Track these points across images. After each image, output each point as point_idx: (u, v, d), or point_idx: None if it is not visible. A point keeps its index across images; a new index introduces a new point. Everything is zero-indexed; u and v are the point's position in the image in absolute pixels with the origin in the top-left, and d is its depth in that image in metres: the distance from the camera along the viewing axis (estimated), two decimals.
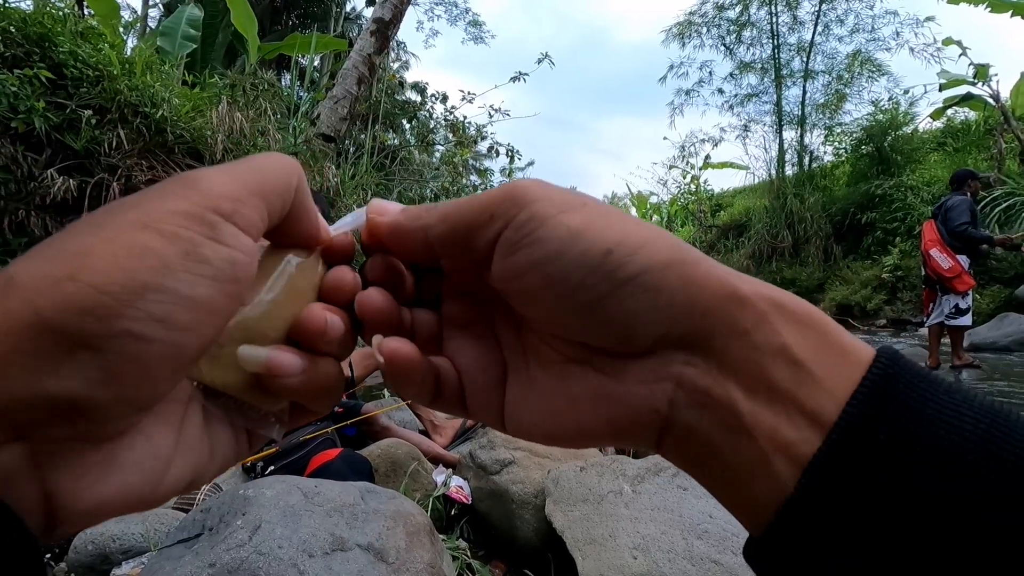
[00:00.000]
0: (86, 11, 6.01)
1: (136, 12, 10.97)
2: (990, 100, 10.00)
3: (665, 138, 23.60)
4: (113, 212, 0.20)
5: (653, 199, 21.12)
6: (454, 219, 0.25)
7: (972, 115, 11.55)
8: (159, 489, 0.21)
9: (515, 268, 0.23)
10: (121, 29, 6.68)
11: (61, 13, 3.93)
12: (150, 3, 10.73)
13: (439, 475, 2.04)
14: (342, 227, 0.29)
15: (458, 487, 1.96)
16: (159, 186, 0.21)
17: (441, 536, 1.61)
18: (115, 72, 3.81)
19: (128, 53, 4.61)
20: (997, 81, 9.83)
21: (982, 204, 7.33)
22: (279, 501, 1.21)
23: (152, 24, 10.20)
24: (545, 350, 0.26)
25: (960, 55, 10.12)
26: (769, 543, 0.20)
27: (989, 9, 9.79)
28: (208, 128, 4.33)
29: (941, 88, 10.87)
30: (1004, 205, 6.94)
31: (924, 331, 6.12)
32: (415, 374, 0.26)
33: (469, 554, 1.69)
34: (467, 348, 0.29)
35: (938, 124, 12.29)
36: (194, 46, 6.75)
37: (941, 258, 4.87)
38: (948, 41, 10.70)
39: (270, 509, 1.18)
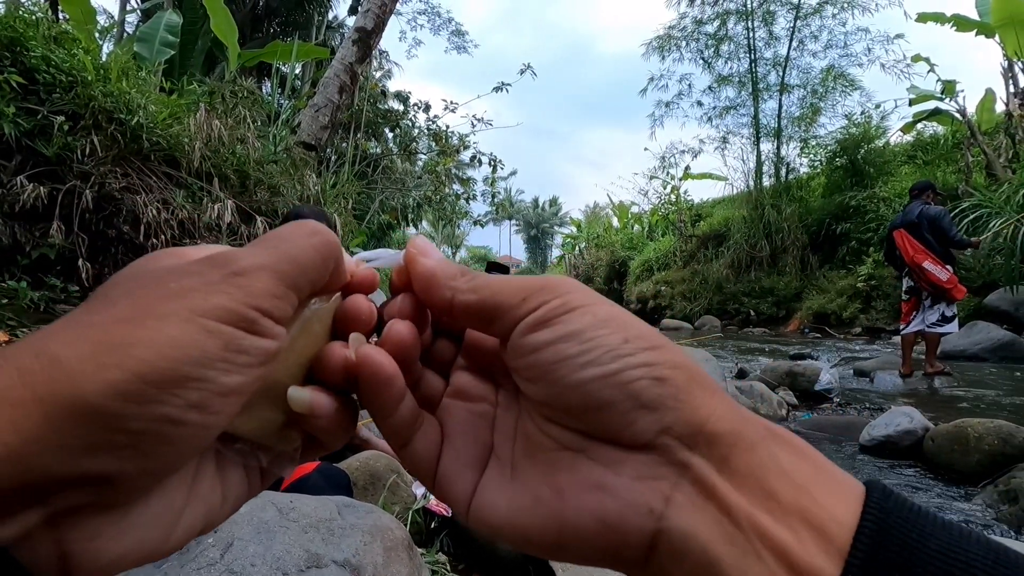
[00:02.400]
0: (60, 15, 5.90)
1: (113, 17, 10.81)
2: (957, 115, 10.35)
3: (646, 149, 23.90)
4: (155, 291, 0.21)
5: (634, 209, 21.37)
6: (486, 295, 0.26)
7: (940, 129, 11.94)
8: (171, 540, 0.22)
9: (536, 343, 0.24)
10: (97, 34, 6.57)
11: (33, 17, 3.85)
12: (128, 8, 10.58)
13: (419, 488, 2.02)
14: (372, 259, 0.30)
15: (438, 500, 1.94)
16: (200, 268, 0.22)
17: (420, 550, 1.58)
18: (89, 78, 3.74)
19: (104, 59, 4.54)
20: (964, 97, 10.21)
21: (951, 215, 7.56)
22: (252, 517, 1.18)
23: (129, 30, 10.05)
24: (539, 437, 0.25)
25: (928, 71, 10.48)
26: None
27: (955, 28, 10.17)
28: (186, 135, 4.27)
29: (911, 103, 11.24)
30: (972, 216, 7.15)
31: (897, 339, 6.27)
32: (387, 389, 0.26)
33: (449, 567, 1.67)
34: (460, 417, 0.28)
35: (908, 138, 12.70)
36: (172, 52, 6.66)
37: (936, 270, 4.89)
38: (917, 58, 11.09)
39: (243, 526, 1.15)
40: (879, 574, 0.19)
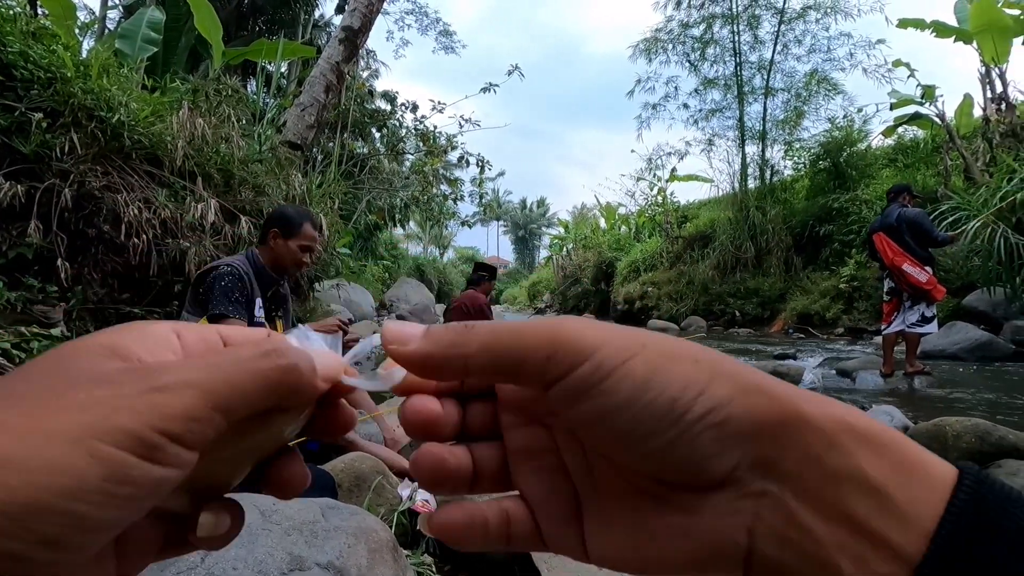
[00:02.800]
0: (39, 11, 5.79)
1: (94, 13, 10.63)
2: (936, 119, 10.55)
3: (633, 151, 24.05)
4: (61, 398, 0.19)
5: (622, 210, 21.49)
6: (500, 352, 0.23)
7: (920, 133, 12.17)
8: None
9: (582, 417, 0.23)
10: (77, 30, 6.46)
11: (11, 12, 3.78)
12: (109, 4, 10.42)
13: (404, 489, 2.01)
14: (357, 355, 0.28)
15: (424, 501, 1.93)
16: (122, 378, 0.20)
17: (406, 552, 1.58)
18: (69, 74, 3.67)
19: (84, 55, 4.46)
20: (943, 101, 10.41)
21: (931, 217, 7.71)
22: None
23: (111, 26, 9.89)
24: (617, 481, 0.25)
25: (909, 76, 10.68)
26: None
27: (935, 34, 10.38)
28: (168, 134, 4.21)
29: (892, 107, 11.44)
30: (951, 219, 7.30)
31: (879, 339, 6.38)
32: (481, 541, 0.25)
33: (435, 569, 1.66)
34: (536, 479, 0.27)
35: (889, 141, 12.93)
36: (155, 50, 6.58)
37: (916, 272, 4.97)
38: (898, 63, 11.29)
39: None
40: (967, 557, 0.18)
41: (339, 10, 14.95)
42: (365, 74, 15.46)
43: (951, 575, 0.18)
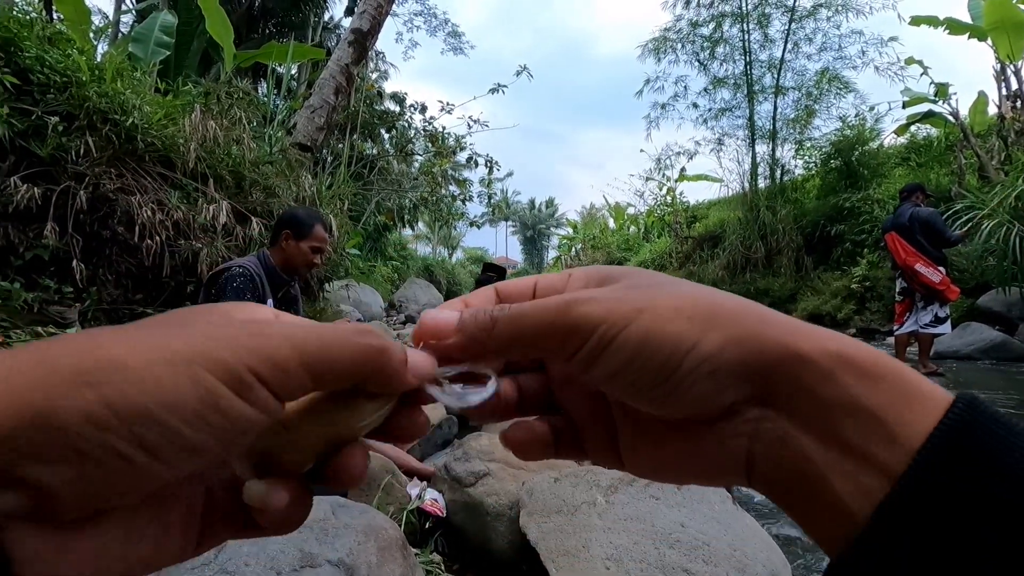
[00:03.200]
0: (54, 15, 5.88)
1: (107, 17, 10.78)
2: (950, 117, 10.41)
3: (642, 151, 23.95)
4: (182, 328, 0.21)
5: (630, 210, 21.42)
6: (522, 337, 0.27)
7: (934, 132, 12.00)
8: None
9: (596, 378, 0.26)
10: (92, 35, 6.55)
11: (27, 17, 3.84)
12: (122, 8, 10.55)
13: (413, 488, 2.02)
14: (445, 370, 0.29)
15: (432, 500, 1.94)
16: (238, 322, 0.23)
17: (415, 550, 1.59)
18: (84, 78, 3.73)
19: (98, 59, 4.53)
20: (956, 99, 10.26)
21: (944, 217, 7.62)
22: None
23: (124, 30, 10.02)
24: (639, 417, 0.28)
25: (921, 74, 10.55)
26: (836, 573, 0.22)
27: (948, 31, 10.24)
28: (181, 136, 4.26)
29: (904, 105, 11.30)
30: (965, 218, 7.20)
31: (892, 340, 6.32)
32: (540, 453, 0.30)
33: (443, 567, 1.67)
34: (578, 400, 0.31)
35: (902, 140, 12.76)
36: (167, 53, 6.65)
37: (929, 272, 4.96)
38: (910, 60, 11.15)
39: None
40: (948, 471, 0.19)
41: (348, 12, 15.05)
42: (374, 75, 15.54)
43: (931, 488, 0.19)
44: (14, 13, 3.74)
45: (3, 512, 0.18)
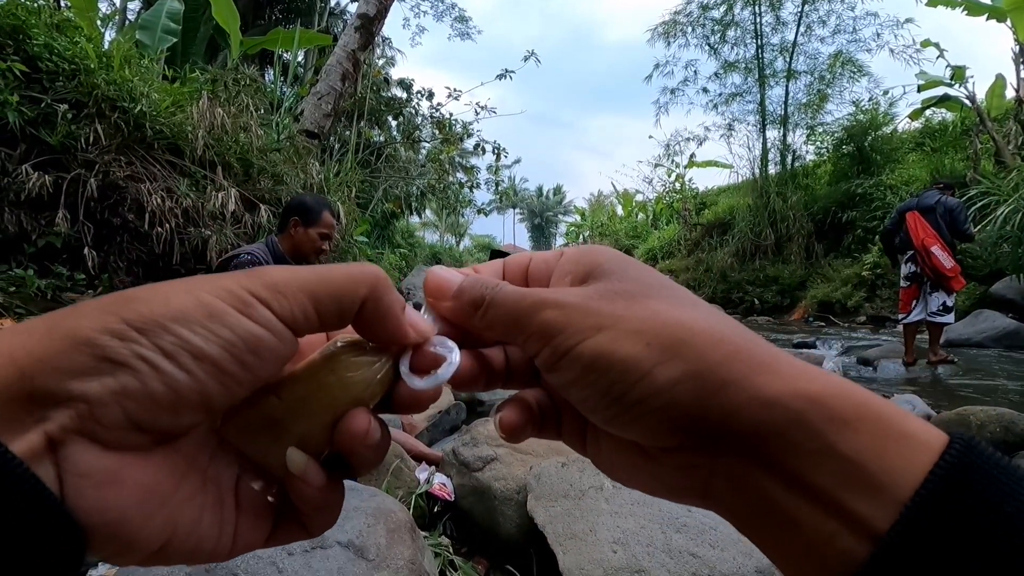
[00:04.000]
0: (62, 3, 5.88)
1: (114, 5, 10.77)
2: (966, 101, 10.21)
3: (651, 136, 23.74)
4: (187, 279, 0.24)
5: (639, 197, 21.28)
6: (498, 326, 0.27)
7: (949, 116, 11.78)
8: (150, 527, 0.21)
9: (551, 383, 0.27)
10: (99, 22, 6.55)
11: (36, 5, 3.84)
12: None
13: (422, 472, 2.04)
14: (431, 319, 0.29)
15: (441, 484, 1.96)
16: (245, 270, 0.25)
17: (423, 533, 1.61)
18: (92, 66, 3.74)
19: (106, 47, 4.53)
20: (973, 83, 10.05)
21: (962, 201, 7.52)
22: None
23: (131, 17, 10.00)
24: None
25: (938, 57, 10.33)
26: None
27: (966, 12, 9.98)
28: (189, 124, 4.27)
29: (919, 89, 11.08)
30: (980, 204, 7.10)
31: (901, 328, 6.26)
32: (527, 434, 0.30)
33: (451, 551, 1.69)
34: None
35: (916, 124, 12.54)
36: (174, 40, 6.64)
37: (943, 257, 4.91)
38: (926, 43, 10.91)
39: None
40: (939, 527, 0.17)
41: None
42: (381, 62, 15.45)
43: (920, 550, 0.17)
44: (22, 1, 3.75)
45: (61, 426, 0.19)
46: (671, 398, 0.22)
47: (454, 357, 0.27)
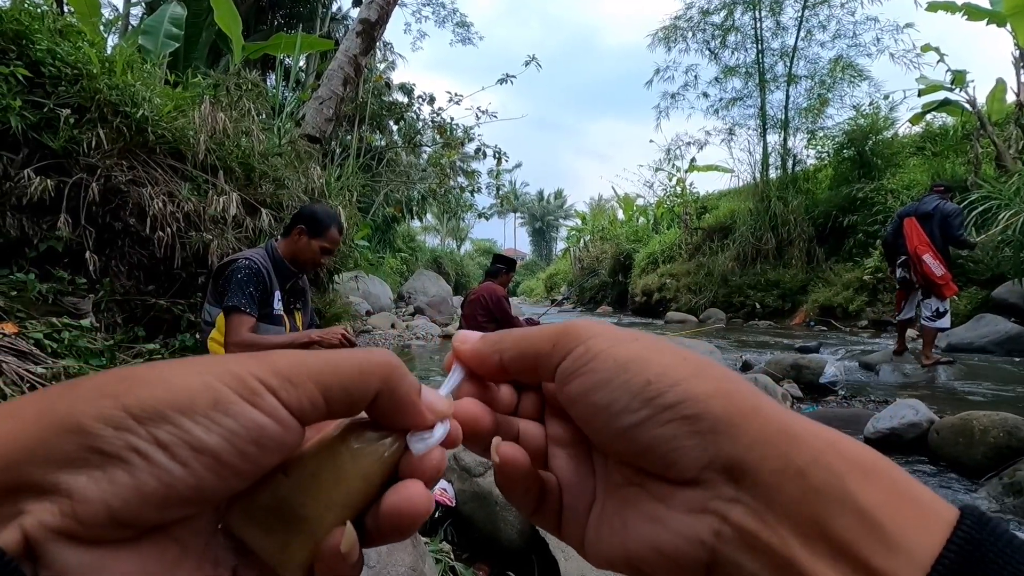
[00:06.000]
0: (65, 8, 5.90)
1: (117, 10, 10.82)
2: (967, 106, 10.22)
3: (651, 141, 23.84)
4: (192, 360, 0.23)
5: (640, 201, 21.30)
6: (523, 346, 0.28)
7: (950, 120, 11.80)
8: None
9: (571, 395, 0.26)
10: (102, 27, 6.58)
11: (39, 10, 3.86)
12: (132, 1, 10.58)
13: None
14: (450, 385, 0.30)
15: (442, 490, 1.95)
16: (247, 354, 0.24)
17: (424, 539, 1.60)
18: (95, 71, 3.75)
19: (109, 51, 4.54)
20: (973, 87, 10.06)
21: (961, 207, 7.52)
22: None
23: (134, 22, 10.05)
24: (614, 473, 0.27)
25: (938, 61, 10.34)
26: None
27: (966, 17, 10.00)
28: (191, 128, 4.27)
29: (920, 94, 11.09)
30: (981, 208, 7.10)
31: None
32: (524, 480, 0.28)
33: (452, 557, 1.68)
34: (568, 466, 0.30)
35: (917, 129, 12.55)
36: (177, 45, 6.67)
37: (935, 264, 5.03)
38: (926, 48, 10.93)
39: None
40: None
41: (356, 3, 14.98)
42: (382, 66, 15.50)
43: None
44: (25, 6, 3.76)
45: (40, 523, 0.18)
46: (705, 407, 0.22)
47: (447, 424, 0.27)
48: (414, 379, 0.26)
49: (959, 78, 10.05)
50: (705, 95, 15.56)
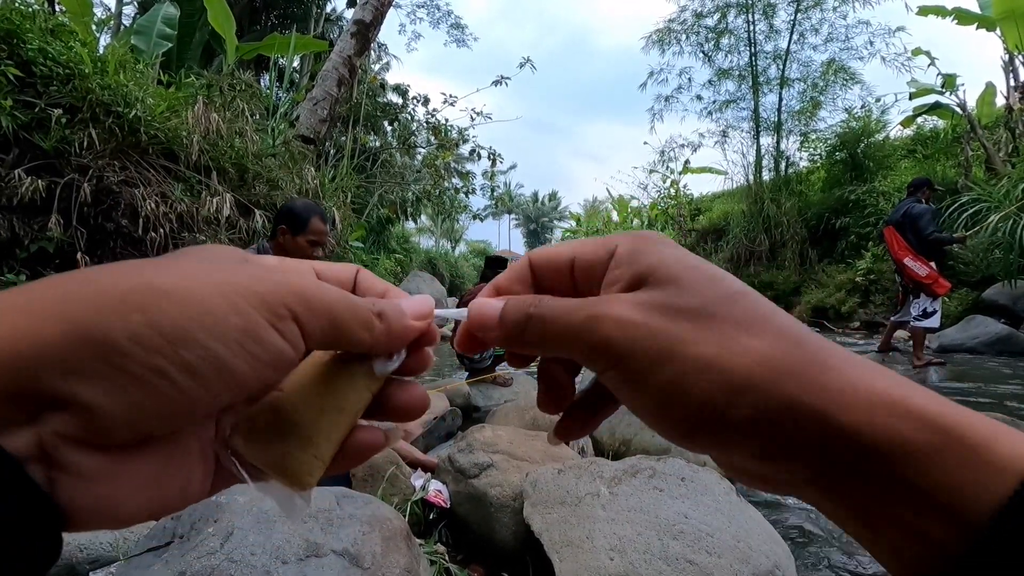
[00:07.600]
0: (56, 8, 5.86)
1: (110, 10, 10.74)
2: (957, 109, 10.32)
3: (646, 143, 23.76)
4: (220, 264, 0.23)
5: (634, 203, 21.34)
6: (550, 347, 0.26)
7: (940, 123, 11.90)
8: (137, 509, 0.21)
9: (622, 400, 0.26)
10: (94, 27, 6.53)
11: (30, 9, 3.83)
12: (124, 1, 10.51)
13: (417, 479, 2.03)
14: (445, 315, 0.29)
15: (436, 491, 1.95)
16: (271, 263, 0.25)
17: (419, 540, 1.60)
18: (86, 70, 3.73)
19: (101, 51, 4.52)
20: (964, 91, 10.16)
21: (950, 209, 7.58)
22: (252, 507, 1.19)
23: (127, 22, 9.99)
24: None
25: (929, 65, 10.43)
26: None
27: (956, 21, 10.12)
28: (184, 129, 4.25)
29: (911, 97, 11.20)
30: (971, 210, 7.16)
31: (898, 333, 6.38)
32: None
33: (447, 558, 1.68)
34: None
35: (908, 132, 12.65)
36: (170, 45, 6.64)
37: (916, 267, 5.17)
38: (917, 51, 11.03)
39: (242, 515, 1.16)
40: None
41: (351, 3, 14.96)
42: (377, 67, 15.48)
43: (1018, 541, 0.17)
44: (16, 5, 3.74)
45: (56, 432, 0.18)
46: (753, 430, 0.21)
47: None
48: (399, 311, 0.27)
49: (949, 81, 10.14)
50: (699, 97, 15.62)
